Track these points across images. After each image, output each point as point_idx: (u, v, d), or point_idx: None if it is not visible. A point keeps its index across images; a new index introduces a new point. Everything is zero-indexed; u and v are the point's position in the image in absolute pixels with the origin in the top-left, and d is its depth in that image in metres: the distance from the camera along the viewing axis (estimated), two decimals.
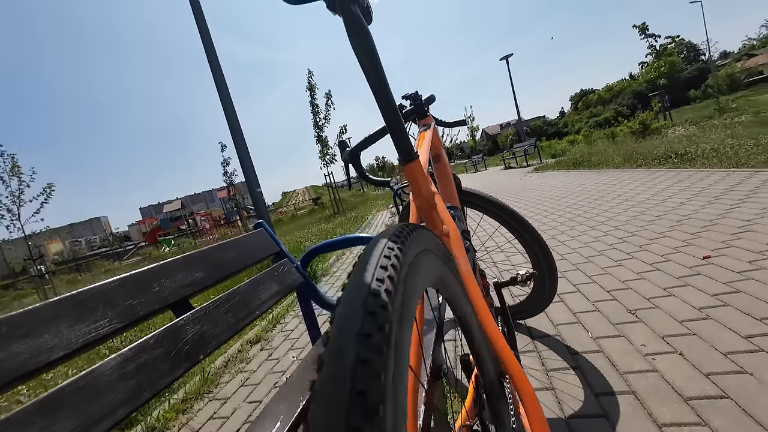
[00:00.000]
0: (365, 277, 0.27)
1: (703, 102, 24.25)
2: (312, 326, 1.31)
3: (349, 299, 0.25)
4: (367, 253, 0.32)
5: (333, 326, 0.24)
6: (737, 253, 1.69)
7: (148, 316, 0.79)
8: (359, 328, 0.22)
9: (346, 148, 1.19)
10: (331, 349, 0.22)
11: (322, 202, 26.29)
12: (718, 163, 3.76)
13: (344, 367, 0.20)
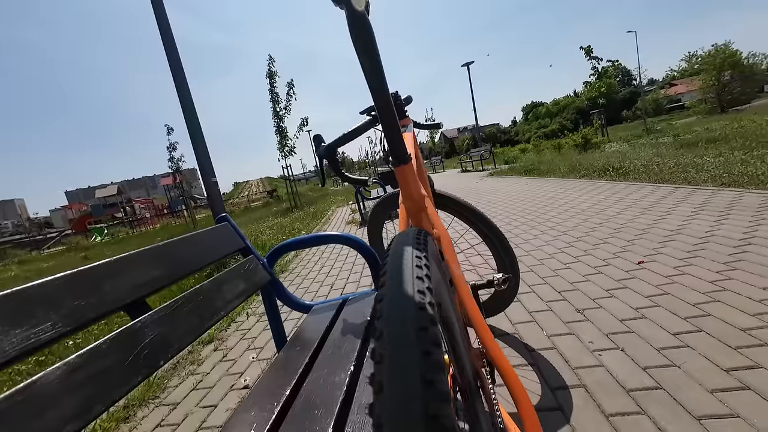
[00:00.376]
0: (407, 289, 0.27)
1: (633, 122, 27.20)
2: (277, 326, 1.25)
3: (399, 313, 0.25)
4: (400, 262, 0.31)
5: (385, 337, 0.23)
6: (665, 259, 1.91)
7: (99, 319, 0.70)
8: (416, 335, 0.22)
9: (322, 143, 1.16)
10: (393, 355, 0.21)
11: (278, 194, 25.39)
12: (647, 178, 4.23)
13: (413, 365, 0.20)
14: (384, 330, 0.23)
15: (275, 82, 11.50)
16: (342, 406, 0.67)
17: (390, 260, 0.32)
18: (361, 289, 2.44)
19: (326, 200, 11.66)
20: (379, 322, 0.24)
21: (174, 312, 0.83)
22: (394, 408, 0.18)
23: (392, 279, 0.28)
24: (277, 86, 11.57)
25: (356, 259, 3.25)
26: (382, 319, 0.24)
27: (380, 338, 0.23)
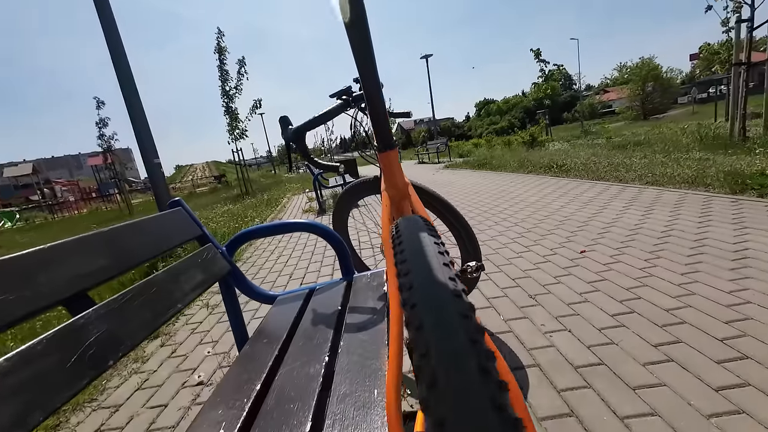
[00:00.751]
0: (439, 277, 0.26)
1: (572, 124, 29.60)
2: (237, 319, 1.18)
3: (439, 301, 0.24)
4: (420, 247, 0.30)
5: (428, 327, 0.21)
6: (602, 248, 2.12)
7: (32, 315, 0.61)
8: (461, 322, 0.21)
9: (289, 126, 1.10)
10: (437, 339, 0.20)
11: (227, 180, 23.92)
12: (586, 175, 4.64)
13: (462, 348, 0.20)
14: (425, 319, 0.22)
15: (225, 59, 10.68)
16: (320, 397, 0.65)
17: (407, 246, 0.31)
18: (322, 279, 2.39)
19: (280, 187, 11.22)
20: (416, 311, 0.23)
21: (123, 306, 0.75)
22: (457, 401, 0.17)
23: (418, 266, 0.27)
24: (227, 63, 10.76)
25: (315, 248, 3.18)
26: (420, 309, 0.23)
27: (421, 328, 0.22)
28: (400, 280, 0.28)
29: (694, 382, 1.04)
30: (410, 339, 0.22)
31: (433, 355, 0.19)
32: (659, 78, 27.39)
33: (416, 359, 0.21)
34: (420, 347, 0.21)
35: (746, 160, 3.64)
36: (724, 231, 2.08)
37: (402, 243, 0.32)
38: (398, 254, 0.31)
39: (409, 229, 0.34)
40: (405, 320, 0.25)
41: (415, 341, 0.22)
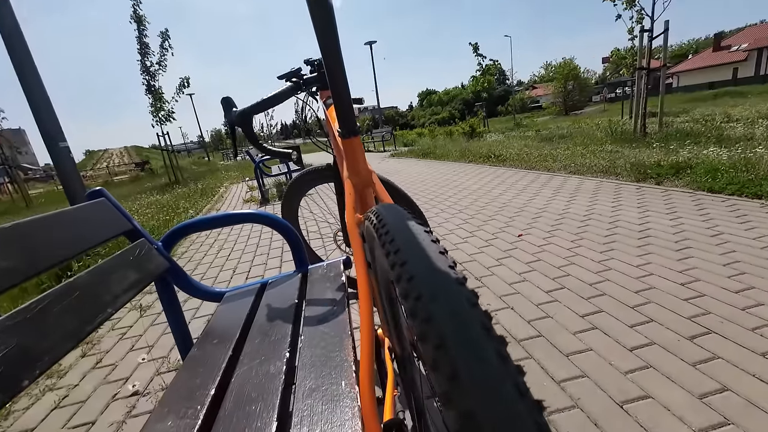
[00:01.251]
0: (439, 265, 0.25)
1: (505, 117, 31.78)
2: (178, 321, 1.08)
3: (447, 290, 0.23)
4: (411, 236, 0.29)
5: (439, 317, 0.21)
6: (537, 232, 2.33)
7: None
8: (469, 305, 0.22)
9: (234, 108, 1.01)
10: (448, 325, 0.21)
11: (151, 167, 21.49)
12: (520, 164, 5.03)
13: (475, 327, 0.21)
14: (436, 311, 0.21)
15: (145, 30, 9.45)
16: (283, 395, 0.62)
17: (399, 236, 0.30)
18: (271, 273, 2.29)
19: (216, 176, 10.40)
20: (423, 303, 0.22)
21: (38, 315, 0.64)
22: (485, 392, 0.16)
23: (417, 256, 0.26)
24: (147, 35, 9.53)
25: (261, 240, 3.03)
26: (428, 300, 0.22)
27: (431, 320, 0.21)
28: (395, 270, 0.27)
29: (613, 345, 1.20)
30: (418, 331, 0.22)
31: (452, 346, 0.19)
32: (578, 78, 30.49)
33: (429, 351, 0.20)
34: (433, 339, 0.20)
35: (646, 152, 4.23)
36: (631, 214, 2.42)
37: (390, 232, 0.31)
38: (387, 243, 0.30)
39: (396, 217, 0.33)
40: (407, 312, 0.24)
41: (425, 333, 0.21)
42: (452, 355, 0.19)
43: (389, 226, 0.32)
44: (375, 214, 0.37)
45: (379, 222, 0.34)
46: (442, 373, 0.19)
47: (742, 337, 1.15)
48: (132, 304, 2.07)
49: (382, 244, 0.31)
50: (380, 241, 0.32)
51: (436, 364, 0.19)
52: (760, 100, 12.23)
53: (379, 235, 0.32)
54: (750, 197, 2.40)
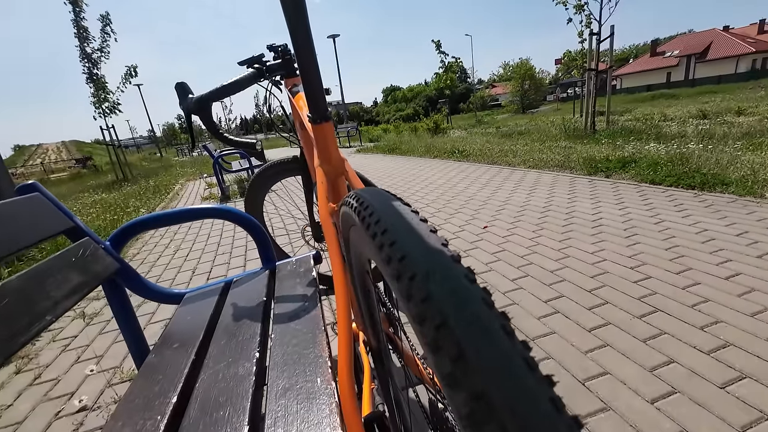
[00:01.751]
0: (433, 243, 0.24)
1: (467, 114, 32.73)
2: (131, 326, 0.99)
3: (445, 269, 0.22)
4: (397, 215, 0.27)
5: (438, 297, 0.20)
6: (500, 224, 2.41)
7: None
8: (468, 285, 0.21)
9: (190, 95, 0.94)
10: (451, 308, 0.20)
11: (94, 164, 19.71)
12: (483, 159, 5.19)
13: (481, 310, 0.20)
14: (433, 289, 0.20)
15: (82, 12, 8.59)
16: (254, 397, 0.59)
17: (384, 215, 0.28)
18: (234, 273, 2.18)
19: (170, 172, 9.74)
20: (418, 282, 0.21)
21: None
22: (496, 370, 0.15)
23: (405, 234, 0.25)
24: (85, 19, 8.68)
25: (222, 238, 2.88)
26: (423, 279, 0.21)
27: (429, 299, 0.20)
28: (383, 251, 0.25)
29: (574, 327, 1.27)
30: (415, 312, 0.20)
31: (455, 325, 0.18)
32: (533, 78, 32.06)
33: (429, 333, 0.19)
34: (433, 319, 0.19)
35: (596, 148, 4.54)
36: (585, 204, 2.58)
37: (376, 212, 0.29)
38: (373, 225, 0.28)
39: (380, 198, 0.32)
40: (400, 293, 0.22)
41: (423, 314, 0.20)
42: (456, 334, 0.17)
43: (373, 207, 0.30)
44: (355, 198, 0.35)
45: (361, 204, 0.32)
46: (446, 354, 0.17)
47: (684, 314, 1.26)
48: (75, 312, 1.88)
49: (366, 225, 0.29)
50: (364, 223, 0.30)
51: (437, 345, 0.18)
52: (689, 102, 13.57)
53: (362, 217, 0.30)
54: (685, 188, 2.65)
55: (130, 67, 9.37)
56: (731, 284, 1.40)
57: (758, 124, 5.35)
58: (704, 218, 2.06)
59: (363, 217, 0.30)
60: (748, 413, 0.87)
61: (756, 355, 1.04)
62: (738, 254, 1.61)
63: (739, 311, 1.24)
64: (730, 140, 4.13)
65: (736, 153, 3.34)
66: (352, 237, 0.49)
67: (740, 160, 3.01)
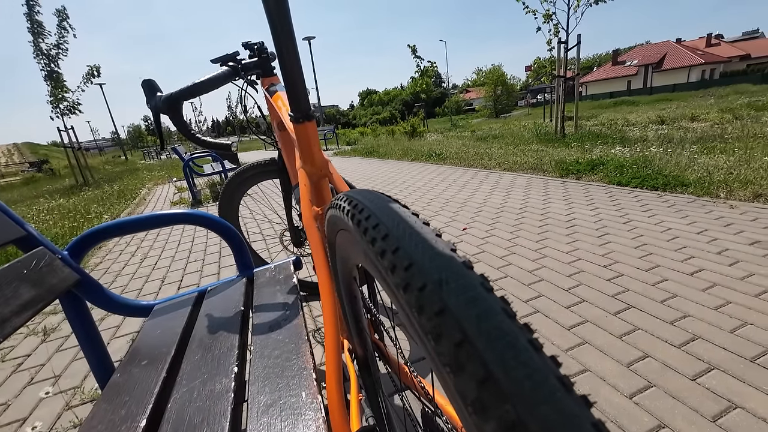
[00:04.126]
0: (442, 249, 0.22)
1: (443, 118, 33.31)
2: (92, 342, 0.92)
3: (461, 277, 0.20)
4: (400, 219, 0.25)
5: (454, 307, 0.18)
6: (479, 225, 2.45)
7: None
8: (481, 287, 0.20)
9: (158, 93, 0.89)
10: (466, 308, 0.18)
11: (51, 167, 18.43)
12: (459, 162, 5.28)
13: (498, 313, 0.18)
14: (450, 301, 0.18)
15: (36, 5, 8.05)
16: (234, 415, 0.55)
17: (383, 218, 0.26)
18: (206, 281, 2.09)
19: (137, 176, 9.26)
20: (431, 294, 0.19)
21: None
22: (531, 394, 0.14)
23: (410, 239, 0.23)
24: (40, 13, 8.13)
25: (193, 244, 2.75)
26: (435, 289, 0.19)
27: (444, 313, 0.18)
28: (384, 259, 0.23)
29: (553, 326, 1.29)
30: (429, 327, 0.18)
31: (479, 342, 0.16)
32: (505, 83, 33.11)
33: (446, 351, 0.17)
34: (451, 335, 0.17)
35: (566, 151, 4.72)
36: (559, 206, 2.66)
37: (373, 216, 0.27)
38: (371, 229, 0.26)
39: (376, 200, 0.30)
40: (409, 306, 0.20)
41: (439, 329, 0.18)
42: (482, 353, 0.16)
43: (370, 210, 0.28)
44: (346, 200, 0.32)
45: (354, 207, 0.30)
46: (471, 377, 0.15)
47: (655, 309, 1.31)
48: (29, 328, 1.72)
49: (363, 230, 0.27)
50: (359, 227, 0.28)
51: (459, 365, 0.16)
52: (648, 108, 14.43)
53: (357, 221, 0.28)
54: (649, 189, 2.80)
55: (92, 67, 8.85)
56: (696, 280, 1.48)
57: (710, 129, 5.76)
58: (668, 218, 2.17)
59: (358, 220, 0.28)
60: (718, 403, 0.91)
61: (721, 346, 1.10)
62: (700, 251, 1.71)
63: (704, 305, 1.31)
64: (687, 144, 4.41)
65: (693, 156, 3.57)
66: (339, 242, 0.46)
67: (697, 162, 3.22)
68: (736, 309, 1.27)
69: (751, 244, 1.72)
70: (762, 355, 1.05)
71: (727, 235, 1.85)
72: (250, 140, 25.11)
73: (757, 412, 0.88)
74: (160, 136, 0.96)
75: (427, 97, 17.05)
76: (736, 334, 1.15)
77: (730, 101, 12.88)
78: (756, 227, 1.90)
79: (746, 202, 2.29)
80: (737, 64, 32.18)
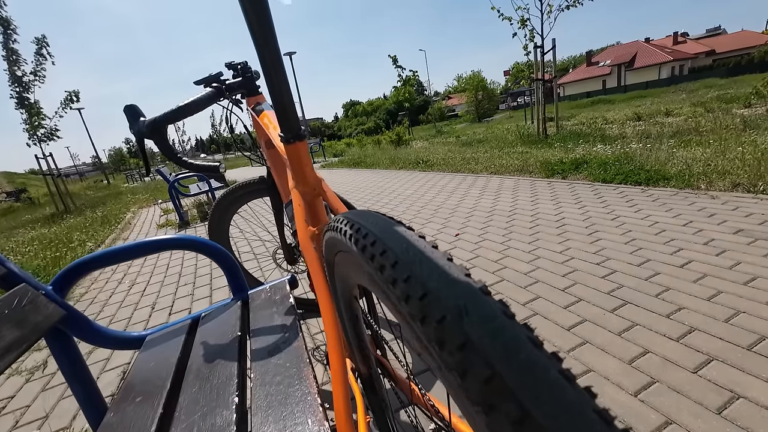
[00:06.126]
0: (455, 273, 0.21)
1: (427, 125, 33.74)
2: (82, 380, 0.87)
3: (480, 299, 0.19)
4: (407, 243, 0.25)
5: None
6: (471, 230, 2.46)
7: None
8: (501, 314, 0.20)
9: (142, 118, 0.87)
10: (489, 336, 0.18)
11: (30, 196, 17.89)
12: (447, 168, 5.32)
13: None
14: (474, 334, 0.17)
15: (12, 35, 7.91)
16: None
17: (391, 245, 0.25)
18: (198, 306, 2.03)
19: (120, 200, 9.06)
20: (451, 326, 0.18)
21: None
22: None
23: (422, 268, 0.22)
24: (17, 41, 7.99)
25: (183, 267, 2.68)
26: (456, 321, 0.18)
27: (469, 347, 0.17)
28: (396, 288, 0.22)
29: (553, 327, 1.29)
30: (452, 362, 0.18)
31: (511, 378, 0.15)
32: (486, 88, 33.84)
33: (475, 388, 0.16)
34: (479, 370, 0.16)
35: (550, 152, 4.82)
36: (548, 206, 2.70)
37: (380, 241, 0.26)
38: (378, 256, 0.25)
39: (376, 223, 0.29)
40: (429, 338, 0.19)
41: (464, 364, 0.17)
42: (514, 390, 0.15)
43: (374, 235, 0.27)
44: (346, 223, 0.32)
45: (357, 231, 0.29)
46: (505, 417, 0.15)
47: (651, 304, 1.33)
48: (12, 368, 1.64)
49: (368, 256, 0.26)
50: (364, 253, 0.27)
51: (490, 404, 0.15)
52: (624, 106, 14.90)
53: (362, 246, 0.27)
54: (633, 184, 2.86)
55: (70, 92, 8.69)
56: (686, 272, 1.50)
57: (684, 123, 5.96)
58: (653, 211, 2.22)
59: (363, 246, 0.27)
60: (721, 394, 0.92)
61: (718, 337, 1.11)
62: (687, 243, 1.75)
63: (696, 296, 1.33)
64: (665, 138, 4.56)
65: (671, 150, 3.68)
66: (338, 262, 0.46)
67: (676, 156, 3.32)
68: (727, 298, 1.29)
69: (735, 233, 1.76)
70: (757, 342, 1.07)
71: (712, 225, 1.90)
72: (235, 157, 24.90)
73: (759, 401, 0.88)
74: (146, 162, 0.94)
75: (411, 105, 17.26)
76: (731, 323, 1.17)
77: (701, 95, 13.41)
78: (738, 216, 1.95)
79: (726, 192, 2.36)
80: (704, 59, 33.64)
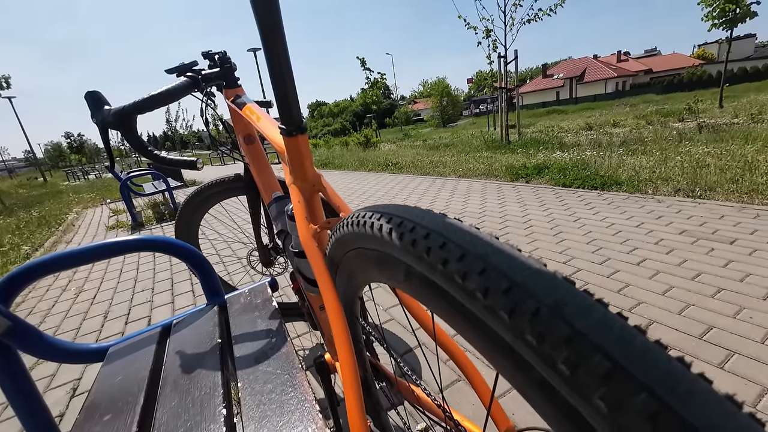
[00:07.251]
0: (536, 264, 0.21)
1: (393, 128, 34.12)
2: (28, 400, 0.77)
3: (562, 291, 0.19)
4: (484, 240, 0.24)
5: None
6: None
7: None
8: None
9: (106, 106, 0.79)
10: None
11: None
12: (416, 171, 5.40)
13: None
14: (582, 326, 0.16)
15: None
16: None
17: (451, 237, 0.24)
18: (159, 312, 1.89)
19: (60, 199, 8.22)
20: (550, 318, 0.17)
21: None
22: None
23: (501, 259, 0.21)
24: None
25: (140, 272, 2.48)
26: (555, 312, 0.17)
27: (579, 339, 0.16)
28: (468, 281, 0.21)
29: None
30: (559, 358, 0.17)
31: (639, 372, 0.14)
32: (450, 94, 34.88)
33: (591, 384, 0.15)
34: (595, 366, 0.15)
35: (513, 157, 5.05)
36: (514, 208, 2.82)
37: (433, 234, 0.25)
38: (437, 249, 0.24)
39: (420, 215, 0.28)
40: (523, 333, 0.18)
41: (574, 360, 0.16)
42: (645, 385, 0.14)
43: (426, 227, 0.26)
44: (381, 218, 0.30)
45: (400, 225, 0.28)
46: (638, 413, 0.14)
47: (613, 299, 1.43)
48: None
49: (423, 250, 0.25)
50: (415, 247, 0.25)
51: (618, 403, 0.14)
52: (576, 117, 16.03)
53: (410, 241, 0.26)
54: (590, 189, 3.07)
55: (3, 77, 7.80)
56: (642, 269, 1.63)
57: (630, 134, 6.52)
58: (609, 214, 2.40)
59: (412, 240, 0.26)
60: None
61: (674, 328, 1.22)
62: (641, 242, 1.90)
63: (653, 291, 1.45)
64: (614, 147, 4.95)
65: (621, 158, 4.00)
66: (348, 260, 0.44)
67: (625, 163, 3.62)
68: (679, 292, 1.42)
69: (680, 234, 1.95)
70: (707, 332, 1.18)
71: (660, 226, 2.08)
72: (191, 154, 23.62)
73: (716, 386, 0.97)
74: (110, 154, 0.86)
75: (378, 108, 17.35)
76: (683, 315, 1.28)
77: (641, 109, 14.75)
78: (681, 218, 2.16)
79: (669, 196, 2.60)
80: (642, 77, 37.07)
